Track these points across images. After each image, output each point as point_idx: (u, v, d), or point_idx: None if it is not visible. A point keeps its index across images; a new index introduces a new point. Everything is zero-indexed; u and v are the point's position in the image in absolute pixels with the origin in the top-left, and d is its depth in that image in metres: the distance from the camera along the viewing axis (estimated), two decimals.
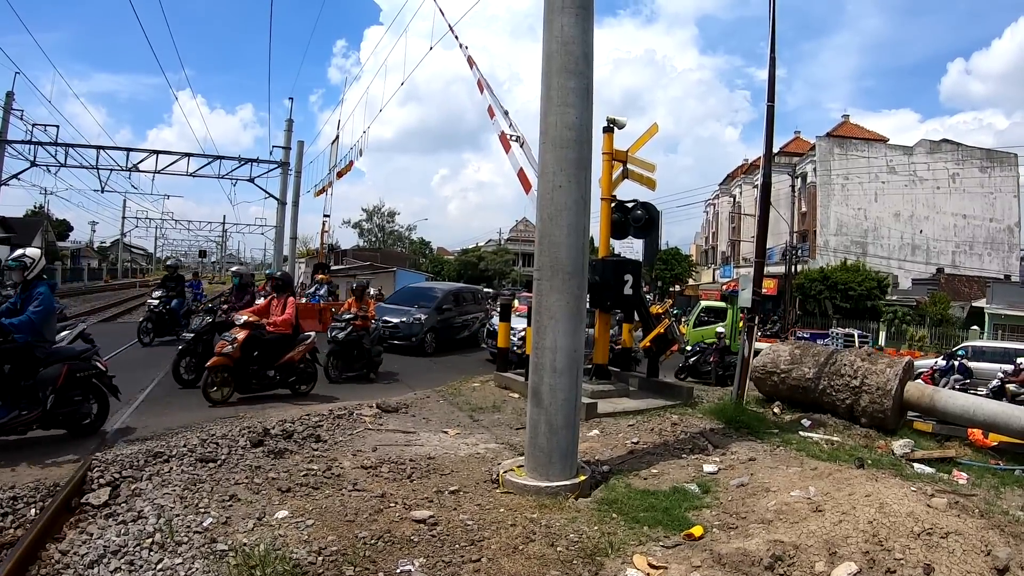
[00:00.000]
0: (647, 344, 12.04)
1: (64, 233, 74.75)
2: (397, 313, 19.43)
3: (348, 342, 13.30)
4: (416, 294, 21.91)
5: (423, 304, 20.21)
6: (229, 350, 10.03)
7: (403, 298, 21.80)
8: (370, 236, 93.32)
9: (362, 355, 13.63)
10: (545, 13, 6.43)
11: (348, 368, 13.40)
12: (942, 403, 9.77)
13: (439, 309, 20.03)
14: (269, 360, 10.62)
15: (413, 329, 18.98)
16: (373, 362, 13.87)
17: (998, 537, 4.69)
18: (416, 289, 23.86)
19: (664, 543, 4.90)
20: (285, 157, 30.39)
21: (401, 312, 19.55)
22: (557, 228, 6.21)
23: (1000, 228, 51.64)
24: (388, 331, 17.95)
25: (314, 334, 11.44)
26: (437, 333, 19.82)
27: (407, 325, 18.93)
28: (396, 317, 19.04)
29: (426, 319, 19.32)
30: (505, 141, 14.90)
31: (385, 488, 5.81)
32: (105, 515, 4.94)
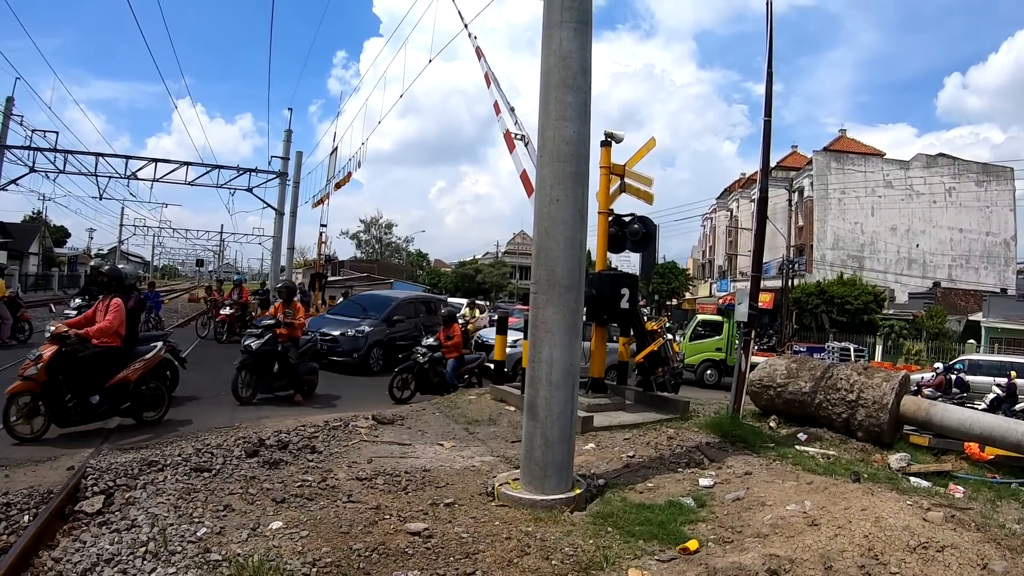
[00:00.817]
0: (640, 360, 12.04)
1: (62, 239, 74.66)
2: (339, 324, 17.52)
3: (263, 353, 11.48)
4: (366, 303, 19.96)
5: (371, 314, 18.25)
6: (34, 372, 7.87)
7: (351, 307, 20.06)
8: (367, 248, 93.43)
9: (285, 371, 11.83)
10: (544, 28, 6.46)
11: (264, 386, 11.64)
12: (938, 417, 9.77)
13: (389, 320, 17.82)
14: (89, 382, 8.38)
15: (356, 343, 16.92)
16: (300, 380, 12.07)
17: (994, 550, 4.69)
18: (368, 297, 22.13)
19: (659, 557, 4.89)
20: (283, 167, 30.42)
21: (344, 323, 17.63)
22: (554, 242, 6.22)
23: (996, 242, 51.70)
24: (327, 345, 16.26)
25: (161, 344, 9.55)
26: (386, 348, 17.59)
27: (349, 339, 16.90)
28: (337, 329, 17.10)
29: (372, 332, 17.23)
30: (510, 140, 14.80)
31: (380, 500, 5.80)
32: (99, 523, 4.93)
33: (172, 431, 8.68)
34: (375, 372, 16.74)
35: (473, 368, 14.47)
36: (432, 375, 13.26)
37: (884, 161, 52.47)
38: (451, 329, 13.87)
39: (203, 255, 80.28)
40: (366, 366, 16.83)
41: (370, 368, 16.91)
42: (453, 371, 13.54)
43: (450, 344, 13.66)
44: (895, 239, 50.63)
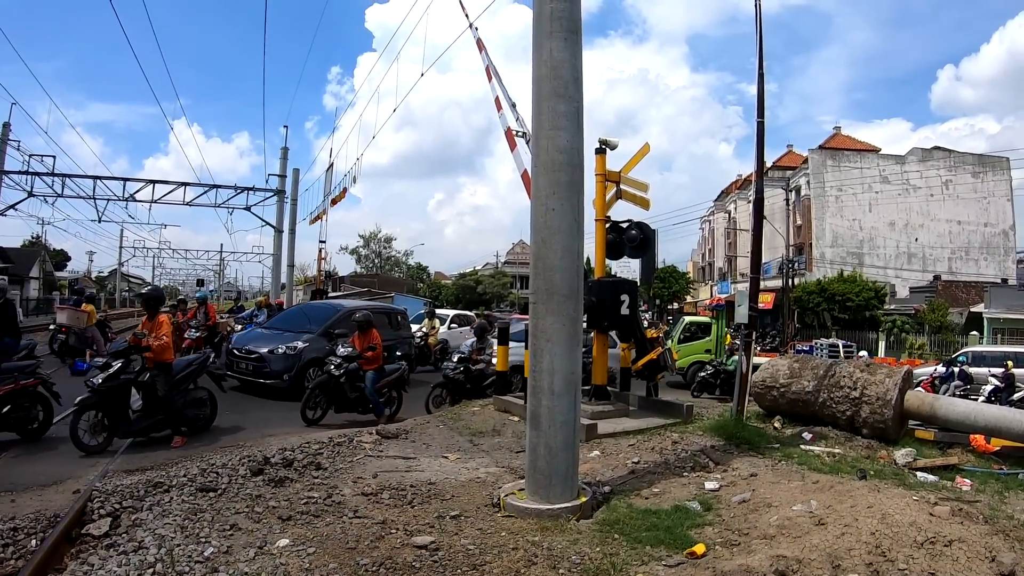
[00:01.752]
0: (639, 367, 12.03)
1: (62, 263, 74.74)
2: (268, 340, 15.10)
3: (117, 388, 9.09)
4: (308, 315, 17.24)
5: (310, 328, 15.60)
6: None
7: (290, 320, 17.35)
8: (367, 262, 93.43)
9: (154, 407, 9.48)
10: (534, 38, 6.49)
11: (123, 429, 9.25)
12: (943, 411, 9.75)
13: (328, 335, 14.50)
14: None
15: (286, 362, 14.38)
16: (177, 416, 9.74)
17: (1002, 542, 4.70)
18: (311, 308, 19.37)
19: (667, 562, 4.89)
20: (281, 185, 30.52)
21: (274, 339, 15.17)
22: (551, 251, 6.23)
23: (995, 232, 51.71)
24: (252, 366, 14.43)
25: None
26: (323, 366, 14.03)
27: (278, 357, 14.40)
28: (264, 346, 14.72)
29: (306, 348, 14.60)
30: (511, 138, 14.67)
31: (386, 514, 5.80)
32: (106, 545, 4.93)
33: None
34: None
35: (391, 381, 12.71)
36: (350, 390, 12.00)
37: (880, 157, 52.51)
38: (369, 336, 12.46)
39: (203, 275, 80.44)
40: (299, 389, 13.56)
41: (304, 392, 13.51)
42: (373, 385, 12.11)
43: (370, 354, 12.21)
44: (894, 234, 50.65)
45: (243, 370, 14.65)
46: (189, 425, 9.99)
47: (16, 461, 8.24)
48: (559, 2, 6.36)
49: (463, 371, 13.41)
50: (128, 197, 28.99)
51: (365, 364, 12.13)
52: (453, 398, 13.25)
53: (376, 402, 12.17)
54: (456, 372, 13.41)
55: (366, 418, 11.99)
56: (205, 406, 10.51)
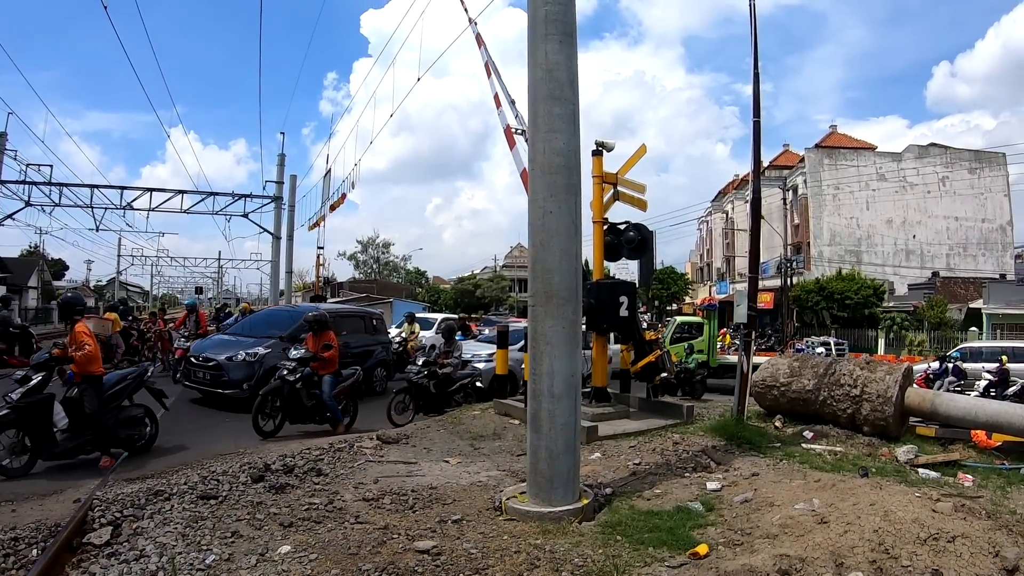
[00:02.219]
0: (637, 369, 12.02)
1: (60, 272, 74.80)
2: (227, 347, 14.00)
3: (36, 405, 8.18)
4: (272, 320, 16.01)
5: (272, 333, 14.36)
6: None
7: (253, 325, 16.12)
8: (365, 268, 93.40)
9: (82, 425, 8.52)
10: (529, 41, 6.49)
11: (47, 451, 8.29)
12: (943, 407, 9.75)
13: (294, 341, 13.00)
14: None
15: (245, 371, 13.23)
16: (106, 435, 8.74)
17: (1006, 537, 4.70)
18: (276, 312, 18.14)
19: (669, 563, 4.88)
20: (278, 192, 30.53)
21: (232, 346, 14.06)
22: (549, 254, 6.23)
23: (993, 228, 51.84)
24: (209, 375, 13.38)
25: None
26: None
27: (237, 365, 13.27)
28: (222, 353, 13.59)
29: (268, 355, 13.31)
30: (510, 136, 14.55)
31: (388, 520, 5.79)
32: (107, 554, 4.91)
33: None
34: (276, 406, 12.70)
35: (348, 387, 11.68)
36: (305, 397, 10.94)
37: (876, 154, 52.69)
38: (324, 337, 11.37)
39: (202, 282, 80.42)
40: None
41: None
42: (331, 390, 11.11)
43: (326, 355, 11.13)
44: (891, 231, 50.78)
45: (200, 379, 13.58)
46: (124, 445, 8.98)
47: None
48: (554, 5, 6.36)
49: (427, 375, 12.57)
50: (126, 205, 28.99)
51: (321, 368, 11.08)
52: (417, 405, 12.44)
53: (335, 408, 11.17)
54: (420, 377, 12.55)
55: (321, 429, 11.03)
56: (142, 424, 9.40)
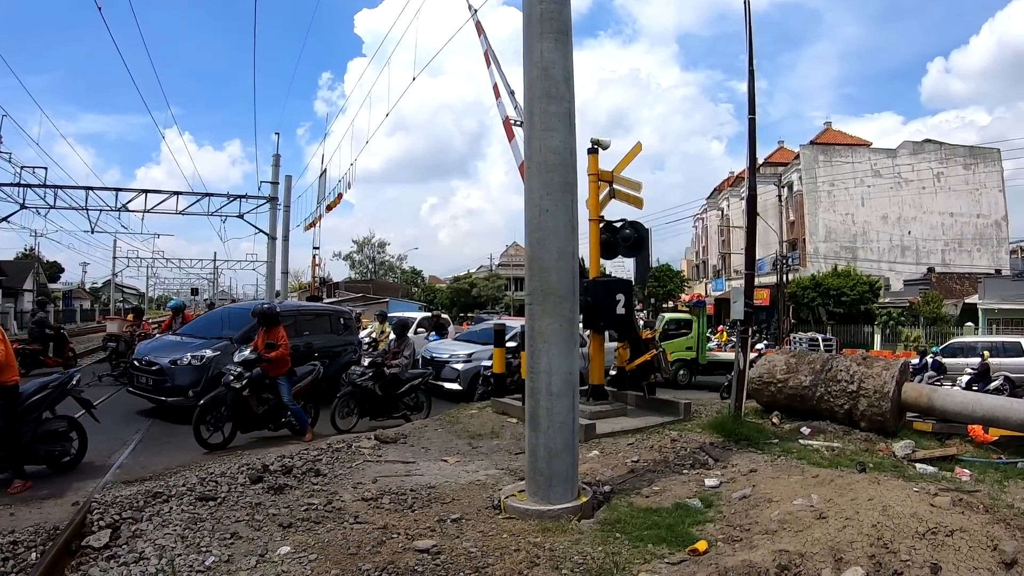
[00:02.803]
0: (633, 367, 12.02)
1: (55, 275, 74.59)
2: (172, 350, 12.51)
3: None
4: (226, 319, 14.60)
5: (225, 334, 13.04)
6: None
7: (205, 325, 14.66)
8: (361, 268, 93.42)
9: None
10: (524, 40, 6.50)
11: None
12: (940, 402, 9.79)
13: (247, 340, 11.79)
14: None
15: (192, 375, 11.87)
16: (26, 453, 7.68)
17: (1004, 531, 4.70)
18: (232, 310, 16.65)
19: (669, 560, 4.89)
20: (273, 192, 30.40)
21: (178, 348, 12.58)
22: (546, 252, 6.23)
23: (988, 223, 52.00)
24: (152, 380, 12.02)
25: None
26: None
27: (180, 370, 11.87)
28: (166, 357, 12.14)
29: (217, 359, 11.95)
30: (509, 128, 14.47)
31: (387, 519, 5.79)
32: (106, 557, 4.90)
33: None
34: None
35: (306, 386, 10.95)
36: (255, 403, 10.07)
37: (871, 151, 52.83)
38: (273, 334, 10.33)
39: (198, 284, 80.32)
40: None
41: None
42: (289, 393, 10.28)
43: (273, 355, 10.09)
44: (887, 228, 50.91)
45: (143, 385, 12.24)
46: (44, 462, 8.00)
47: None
48: (549, 3, 6.36)
49: (372, 376, 11.61)
50: (121, 207, 28.83)
51: (271, 369, 10.19)
52: (362, 409, 11.63)
53: (298, 412, 10.39)
54: (364, 379, 11.57)
55: (277, 435, 10.44)
56: (66, 439, 8.28)
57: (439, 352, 16.34)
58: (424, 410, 12.37)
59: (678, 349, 22.59)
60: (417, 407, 12.41)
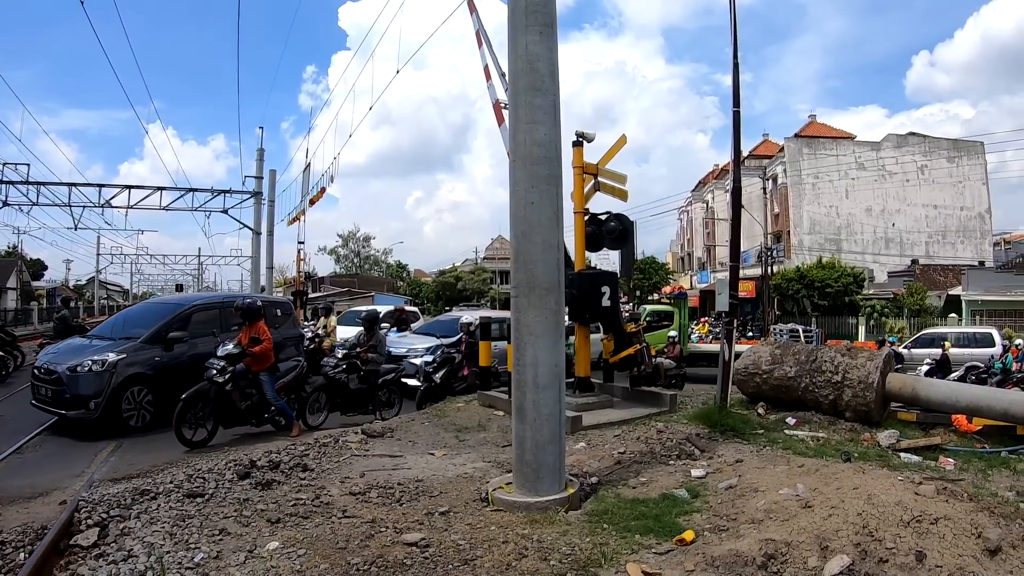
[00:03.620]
0: (616, 360, 12.05)
1: (39, 272, 74.10)
2: (73, 354, 11.11)
3: None
4: (139, 316, 13.17)
5: (133, 333, 11.59)
6: None
7: (117, 325, 13.14)
8: (346, 262, 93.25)
9: None
10: (509, 33, 6.49)
11: None
12: (924, 392, 9.86)
13: (160, 341, 11.19)
14: None
15: (93, 384, 10.40)
16: None
17: (988, 519, 4.75)
18: (148, 307, 15.05)
19: (656, 550, 4.92)
20: (258, 187, 30.28)
21: (80, 352, 11.19)
22: (531, 245, 6.23)
23: (971, 216, 52.30)
24: (51, 391, 10.62)
25: None
26: (155, 385, 11.02)
27: (80, 378, 10.42)
28: (65, 362, 10.71)
29: (123, 363, 10.66)
30: (499, 112, 14.29)
31: (375, 513, 5.79)
32: (95, 556, 4.88)
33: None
34: (137, 427, 10.74)
35: (290, 382, 10.82)
36: (239, 398, 9.88)
37: (855, 144, 53.03)
38: (256, 328, 10.14)
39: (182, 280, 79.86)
40: (115, 418, 10.52)
41: (126, 421, 10.64)
42: (272, 388, 10.16)
43: (256, 349, 9.94)
44: (871, 220, 51.14)
45: (43, 397, 10.87)
46: None
47: (0, 474, 8.18)
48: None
49: (346, 369, 11.48)
50: (104, 203, 28.65)
51: (254, 364, 10.03)
52: (334, 403, 11.43)
53: (283, 407, 10.29)
54: (338, 371, 11.43)
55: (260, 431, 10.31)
56: None
57: (397, 347, 15.93)
58: (396, 407, 12.26)
59: (660, 341, 22.18)
60: (389, 403, 12.24)
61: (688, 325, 24.67)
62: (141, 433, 10.32)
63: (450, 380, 13.49)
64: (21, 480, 7.60)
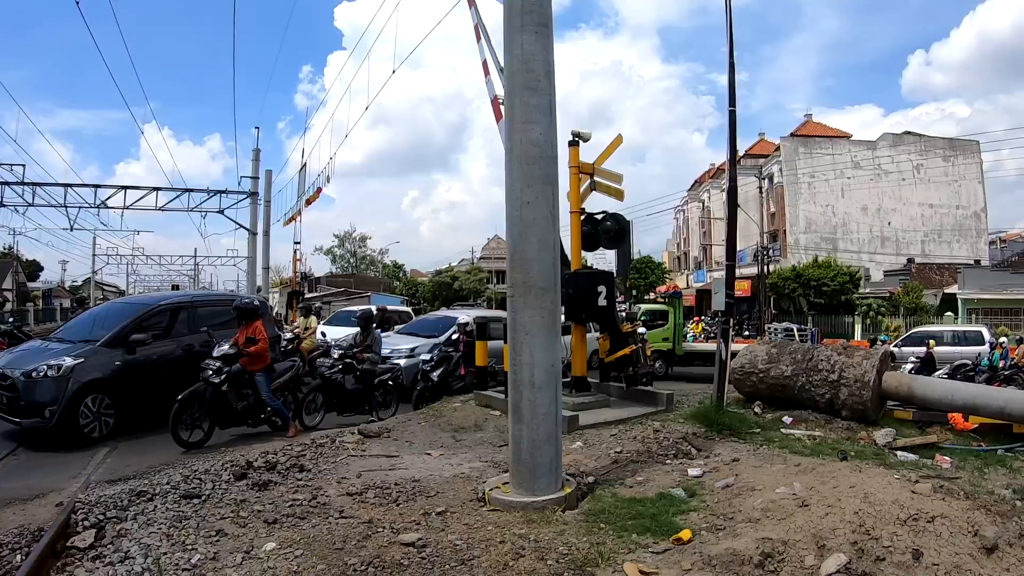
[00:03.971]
0: (612, 360, 12.05)
1: (35, 273, 74.02)
2: (31, 358, 10.39)
3: None
4: (101, 317, 12.16)
5: (96, 335, 10.81)
6: None
7: (80, 327, 12.29)
8: (343, 262, 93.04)
9: None
10: (505, 32, 6.49)
11: None
12: (920, 390, 9.87)
13: (122, 343, 10.48)
14: None
15: (49, 390, 9.65)
16: None
17: (984, 517, 4.77)
18: (111, 307, 14.09)
19: (654, 549, 4.92)
20: (254, 187, 30.22)
21: (39, 355, 10.48)
22: (527, 244, 6.23)
23: (967, 215, 52.41)
24: (6, 398, 9.91)
25: None
26: (117, 392, 10.26)
27: (34, 385, 9.70)
28: (21, 367, 10.05)
29: (80, 368, 9.93)
30: (497, 108, 14.18)
31: (372, 514, 5.78)
32: (92, 557, 4.86)
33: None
34: (96, 438, 9.88)
35: (286, 382, 10.62)
36: (235, 399, 9.79)
37: (851, 143, 53.12)
38: (252, 328, 9.97)
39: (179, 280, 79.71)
40: (72, 428, 9.69)
41: (82, 431, 9.77)
42: (268, 389, 10.00)
43: (252, 349, 9.81)
44: (867, 219, 51.23)
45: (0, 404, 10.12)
46: None
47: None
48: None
49: (343, 370, 11.41)
50: (100, 204, 28.55)
51: (250, 364, 9.88)
52: (330, 403, 11.31)
53: (280, 408, 10.13)
54: (334, 371, 11.33)
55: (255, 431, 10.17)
56: None
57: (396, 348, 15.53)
58: (393, 407, 12.17)
59: (654, 340, 22.03)
60: (386, 404, 12.12)
61: (683, 324, 24.63)
62: (137, 434, 10.25)
63: (447, 380, 13.40)
64: (17, 482, 7.58)
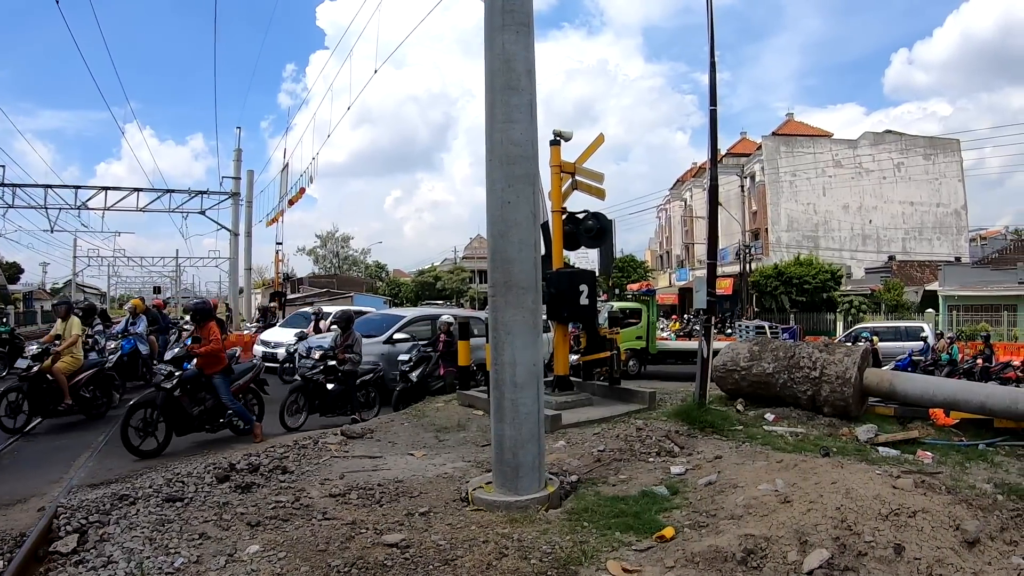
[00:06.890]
0: (586, 360, 12.08)
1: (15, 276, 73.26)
2: None
3: None
4: None
5: None
6: None
7: None
8: (325, 262, 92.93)
9: None
10: (486, 31, 6.48)
11: None
12: (901, 386, 9.93)
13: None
14: None
15: None
16: None
17: (966, 511, 4.80)
18: None
19: (637, 547, 4.93)
20: (236, 188, 30.16)
21: None
22: (508, 244, 6.23)
23: (947, 212, 52.87)
24: None
25: None
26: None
27: None
28: None
29: None
30: None
31: (355, 515, 5.77)
32: (75, 562, 4.84)
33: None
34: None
35: (246, 383, 10.41)
36: (190, 403, 9.49)
37: (832, 141, 53.46)
38: (207, 329, 9.72)
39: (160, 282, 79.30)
40: None
41: None
42: (227, 391, 9.74)
43: (201, 350, 9.52)
44: (848, 217, 51.57)
45: None
46: None
47: None
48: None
49: (324, 370, 11.26)
50: (80, 205, 28.41)
51: (204, 366, 9.64)
52: (312, 405, 11.18)
53: (241, 410, 9.90)
54: (315, 372, 11.19)
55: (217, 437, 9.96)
56: None
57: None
58: (375, 407, 12.16)
59: (628, 339, 21.72)
60: (368, 404, 12.13)
61: (656, 322, 24.68)
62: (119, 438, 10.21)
63: (426, 380, 13.27)
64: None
